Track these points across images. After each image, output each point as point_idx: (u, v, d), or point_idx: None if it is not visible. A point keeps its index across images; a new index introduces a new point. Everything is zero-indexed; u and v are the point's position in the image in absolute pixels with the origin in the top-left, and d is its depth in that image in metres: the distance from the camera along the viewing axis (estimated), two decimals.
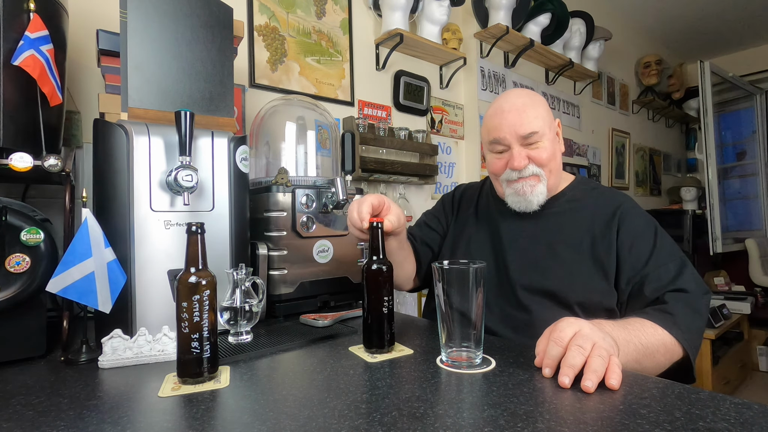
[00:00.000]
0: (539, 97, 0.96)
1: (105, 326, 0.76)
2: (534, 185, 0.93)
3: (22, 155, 0.75)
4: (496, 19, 2.22)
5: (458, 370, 0.66)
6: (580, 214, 0.95)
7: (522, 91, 0.97)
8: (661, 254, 0.87)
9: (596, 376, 0.56)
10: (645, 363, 0.73)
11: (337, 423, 0.49)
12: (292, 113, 1.28)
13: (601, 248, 0.90)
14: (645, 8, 3.54)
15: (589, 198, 0.98)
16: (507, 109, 0.92)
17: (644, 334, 0.74)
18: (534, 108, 0.92)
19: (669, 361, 0.77)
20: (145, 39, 0.85)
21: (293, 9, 1.70)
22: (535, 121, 0.90)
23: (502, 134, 0.92)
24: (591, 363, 0.58)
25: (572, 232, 0.93)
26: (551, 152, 0.93)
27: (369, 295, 0.76)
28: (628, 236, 0.89)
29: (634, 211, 0.93)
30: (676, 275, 0.85)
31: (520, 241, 0.98)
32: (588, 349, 0.59)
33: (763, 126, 3.88)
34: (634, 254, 0.87)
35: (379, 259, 0.77)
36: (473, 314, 0.67)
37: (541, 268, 0.92)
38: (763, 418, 0.49)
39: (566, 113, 2.97)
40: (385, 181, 1.91)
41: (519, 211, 0.97)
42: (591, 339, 0.61)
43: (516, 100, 0.93)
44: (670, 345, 0.76)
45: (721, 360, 2.65)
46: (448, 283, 0.68)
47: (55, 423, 0.51)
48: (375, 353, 0.75)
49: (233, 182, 0.90)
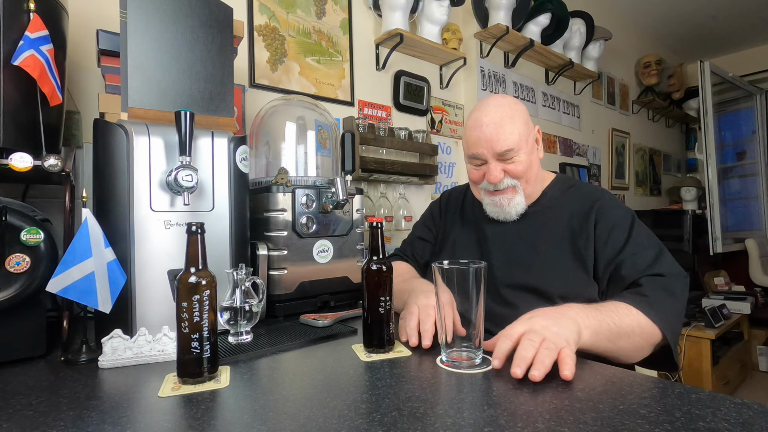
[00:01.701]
0: (518, 106, 0.98)
1: (105, 326, 0.76)
2: (511, 198, 0.98)
3: (22, 155, 0.75)
4: (496, 19, 2.21)
5: (458, 370, 0.66)
6: (560, 212, 0.99)
7: (501, 101, 0.97)
8: (637, 242, 0.90)
9: (543, 367, 0.61)
10: (621, 343, 0.75)
11: (337, 423, 0.49)
12: (292, 113, 1.28)
13: (580, 242, 0.93)
14: (645, 8, 3.54)
15: (567, 195, 1.02)
16: (485, 124, 0.94)
17: (617, 315, 0.75)
18: (511, 122, 0.93)
19: (648, 343, 0.79)
20: (145, 39, 0.85)
21: (293, 9, 1.70)
22: (511, 137, 0.93)
23: (480, 150, 0.95)
24: (539, 355, 0.62)
25: (552, 230, 0.97)
26: (527, 165, 0.96)
27: (369, 295, 0.76)
28: (605, 227, 0.92)
29: (611, 204, 0.97)
30: (653, 261, 0.86)
31: (503, 241, 1.01)
32: (538, 342, 0.64)
33: (763, 126, 3.88)
34: (610, 244, 0.90)
35: (379, 259, 0.77)
36: (473, 314, 0.68)
37: (524, 265, 0.96)
38: (763, 418, 0.49)
39: (566, 113, 2.97)
40: (385, 181, 1.91)
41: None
42: (541, 334, 0.65)
43: (494, 113, 0.94)
44: (646, 326, 0.77)
45: (721, 360, 2.65)
46: (448, 283, 0.68)
47: (55, 423, 0.51)
48: (374, 353, 0.75)
49: (233, 182, 0.90)
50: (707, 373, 2.48)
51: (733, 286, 3.58)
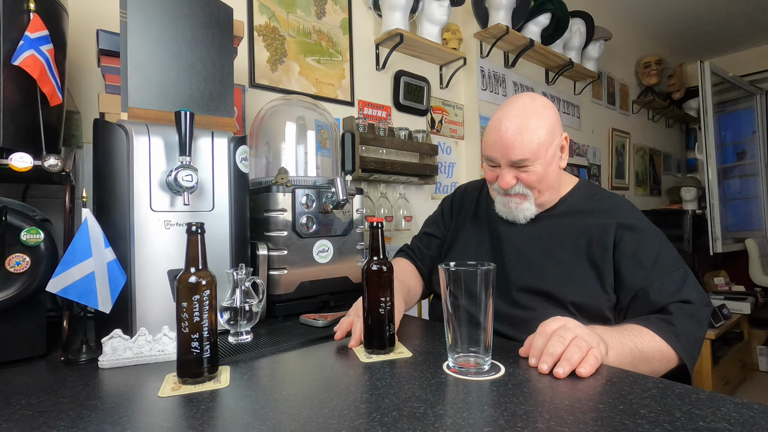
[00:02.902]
0: (546, 112, 0.92)
1: (105, 326, 0.76)
2: (519, 203, 0.95)
3: (22, 155, 0.75)
4: (496, 19, 2.21)
5: (466, 376, 0.64)
6: (579, 219, 0.96)
7: (528, 104, 0.91)
8: (665, 264, 0.87)
9: (569, 364, 0.61)
10: (640, 367, 0.74)
11: (337, 423, 0.49)
12: (292, 113, 1.28)
13: (597, 252, 0.90)
14: (645, 8, 3.54)
15: (588, 203, 0.99)
16: (505, 128, 0.89)
17: (641, 340, 0.75)
18: (532, 131, 0.88)
19: (665, 368, 0.79)
20: (145, 39, 0.85)
21: (293, 9, 1.70)
22: (529, 146, 0.88)
23: (494, 154, 0.93)
24: (567, 352, 0.63)
25: (569, 236, 0.94)
26: (541, 175, 0.91)
27: (369, 296, 0.76)
28: (631, 244, 0.89)
29: (637, 219, 0.93)
30: (680, 286, 0.85)
31: (518, 242, 0.99)
32: (568, 339, 0.64)
33: (763, 126, 3.88)
34: (636, 262, 0.87)
35: (379, 259, 0.76)
36: (482, 318, 0.65)
37: (538, 268, 0.94)
38: (763, 418, 0.49)
39: (566, 113, 2.97)
40: (385, 181, 1.91)
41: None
42: (573, 332, 0.65)
43: (517, 118, 0.89)
44: (666, 353, 0.77)
45: (721, 360, 2.65)
46: (455, 286, 0.66)
47: (55, 423, 0.51)
48: (375, 354, 0.75)
49: (233, 182, 0.90)
50: (707, 373, 2.48)
51: (733, 286, 3.59)
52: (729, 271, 3.76)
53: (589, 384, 0.60)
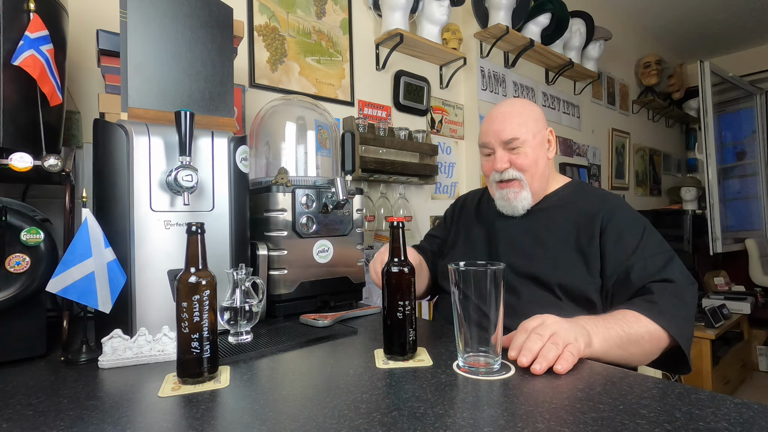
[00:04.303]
0: (531, 106, 1.05)
1: (105, 326, 0.76)
2: (517, 192, 1.02)
3: (22, 155, 0.75)
4: (496, 19, 2.21)
5: (475, 376, 0.63)
6: (568, 210, 1.02)
7: (515, 101, 1.06)
8: (648, 247, 0.91)
9: (546, 361, 0.63)
10: (631, 350, 0.76)
11: (337, 423, 0.49)
12: (292, 113, 1.28)
13: (584, 239, 0.95)
14: (645, 8, 3.54)
15: (578, 196, 1.05)
16: (495, 115, 1.03)
17: (626, 323, 0.77)
18: (520, 116, 1.01)
19: (657, 348, 0.80)
20: (145, 39, 0.85)
21: (293, 9, 1.70)
22: (518, 128, 0.99)
23: (487, 138, 1.03)
24: (543, 349, 0.65)
25: (559, 225, 1.00)
26: (532, 159, 1.01)
27: (388, 299, 0.72)
28: (615, 230, 0.94)
29: (623, 208, 0.99)
30: (663, 266, 0.88)
31: (511, 234, 1.05)
32: (546, 336, 0.66)
33: (763, 126, 3.87)
34: (620, 246, 0.92)
35: (400, 260, 0.72)
36: (492, 317, 0.65)
37: (527, 255, 1.00)
38: (763, 418, 0.49)
39: (566, 113, 2.97)
40: (385, 181, 1.91)
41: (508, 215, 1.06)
42: (550, 329, 0.67)
43: (506, 108, 1.03)
44: (654, 332, 0.78)
45: (721, 360, 2.65)
46: (464, 285, 0.66)
47: (55, 423, 0.51)
48: (393, 360, 0.71)
49: (233, 182, 0.90)
50: (707, 373, 2.48)
51: (733, 286, 3.59)
52: (729, 271, 3.76)
53: (589, 384, 0.60)
